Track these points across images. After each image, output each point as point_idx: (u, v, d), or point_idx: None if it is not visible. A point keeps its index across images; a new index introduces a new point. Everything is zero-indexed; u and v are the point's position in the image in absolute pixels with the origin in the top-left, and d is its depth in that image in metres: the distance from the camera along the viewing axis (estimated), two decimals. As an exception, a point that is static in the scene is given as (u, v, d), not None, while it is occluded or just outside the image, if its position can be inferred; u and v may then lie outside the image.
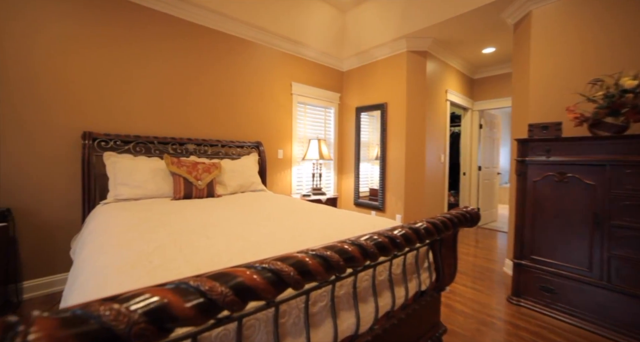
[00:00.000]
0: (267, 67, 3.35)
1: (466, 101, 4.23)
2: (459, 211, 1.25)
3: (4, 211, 1.87)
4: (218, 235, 1.24)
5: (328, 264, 0.69)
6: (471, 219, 1.26)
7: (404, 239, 0.92)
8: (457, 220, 1.18)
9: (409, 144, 3.42)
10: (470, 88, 4.37)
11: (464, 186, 4.47)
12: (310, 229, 1.39)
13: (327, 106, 4.04)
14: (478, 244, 3.58)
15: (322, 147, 3.43)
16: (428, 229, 1.03)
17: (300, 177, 3.75)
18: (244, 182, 2.66)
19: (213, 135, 2.93)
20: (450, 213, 1.21)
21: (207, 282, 0.45)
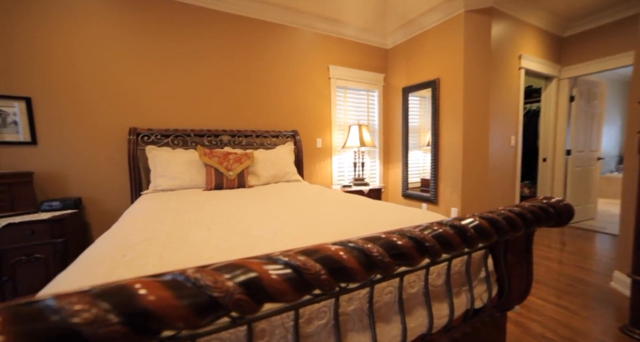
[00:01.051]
0: (302, 51, 3.16)
1: (550, 67, 3.39)
2: (537, 204, 0.88)
3: (76, 199, 2.08)
4: (221, 228, 1.11)
5: (369, 261, 0.50)
6: (557, 215, 0.88)
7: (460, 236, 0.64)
8: (533, 216, 0.83)
9: (467, 126, 2.88)
10: (556, 50, 3.48)
11: (544, 175, 3.65)
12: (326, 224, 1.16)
13: (370, 89, 3.68)
14: (565, 247, 2.86)
15: (364, 134, 3.12)
16: (481, 228, 0.72)
17: (341, 167, 3.51)
18: (277, 172, 2.55)
19: (248, 126, 2.89)
20: (522, 206, 0.86)
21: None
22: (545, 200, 0.91)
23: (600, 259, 2.54)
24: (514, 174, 3.14)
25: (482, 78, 2.80)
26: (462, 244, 0.69)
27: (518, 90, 3.09)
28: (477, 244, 0.72)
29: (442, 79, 3.08)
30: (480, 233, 0.72)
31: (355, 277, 0.48)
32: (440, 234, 0.65)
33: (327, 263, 0.45)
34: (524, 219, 0.81)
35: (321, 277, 0.43)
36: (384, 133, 3.83)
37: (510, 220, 0.79)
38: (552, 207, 0.90)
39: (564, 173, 3.61)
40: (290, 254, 0.44)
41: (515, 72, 3.05)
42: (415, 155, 3.53)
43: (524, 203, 0.92)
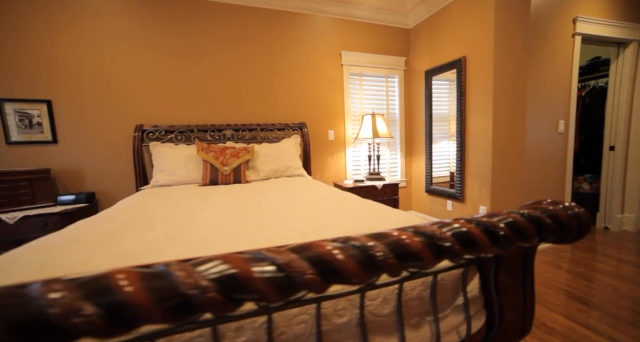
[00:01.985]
0: (310, 38, 2.98)
1: (624, 29, 2.66)
2: (538, 208, 0.63)
3: (89, 194, 2.24)
4: (163, 229, 1.02)
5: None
6: (558, 229, 0.62)
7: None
8: (511, 231, 0.58)
9: (497, 111, 2.43)
10: (632, 3, 2.73)
11: (611, 168, 2.95)
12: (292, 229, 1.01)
13: (389, 75, 3.35)
14: (631, 259, 2.28)
15: (378, 123, 2.84)
16: (441, 245, 0.53)
17: (357, 160, 3.28)
18: (279, 166, 2.44)
19: (254, 119, 2.82)
20: (518, 213, 0.62)
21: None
22: (551, 206, 0.64)
23: (684, 276, 1.95)
24: (564, 166, 2.59)
25: (517, 52, 2.32)
26: (400, 264, 0.49)
27: (570, 64, 2.51)
28: (440, 259, 0.52)
29: (468, 57, 2.64)
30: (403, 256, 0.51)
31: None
32: (398, 245, 0.47)
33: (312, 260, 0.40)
34: (493, 236, 0.57)
35: (306, 277, 0.39)
36: (406, 122, 3.47)
37: (466, 236, 0.56)
38: (552, 217, 0.63)
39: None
40: (277, 251, 0.41)
41: (567, 40, 2.47)
42: (443, 147, 3.12)
43: (527, 206, 0.67)
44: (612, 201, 2.95)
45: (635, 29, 2.73)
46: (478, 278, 0.83)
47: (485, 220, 0.57)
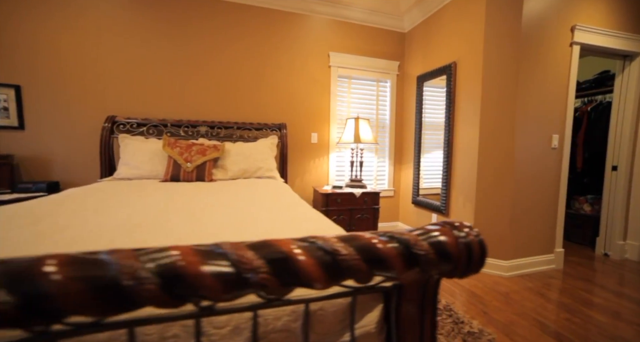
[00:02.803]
0: (297, 36, 2.90)
1: (629, 41, 2.48)
2: (403, 235, 0.50)
3: (51, 183, 2.20)
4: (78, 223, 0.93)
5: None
6: (438, 260, 0.50)
7: None
8: (361, 260, 0.47)
9: (485, 121, 2.26)
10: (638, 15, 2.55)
11: (613, 189, 2.72)
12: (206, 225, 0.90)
13: (381, 79, 3.23)
14: None
15: (362, 128, 2.71)
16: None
17: (341, 166, 3.15)
18: (249, 167, 2.34)
19: (234, 117, 2.74)
20: (383, 236, 0.49)
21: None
22: (437, 231, 0.51)
23: (683, 316, 1.72)
24: (556, 184, 2.38)
25: (508, 59, 2.16)
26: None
27: (567, 74, 2.33)
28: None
29: (459, 63, 2.49)
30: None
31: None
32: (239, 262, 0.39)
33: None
34: (333, 264, 0.44)
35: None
36: (397, 129, 3.33)
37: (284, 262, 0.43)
38: (435, 244, 0.49)
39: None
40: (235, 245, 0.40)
41: (564, 49, 2.30)
42: (436, 157, 2.94)
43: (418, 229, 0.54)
44: (613, 226, 2.71)
45: (636, 41, 2.53)
46: (380, 310, 0.68)
47: (326, 244, 0.44)
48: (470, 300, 1.87)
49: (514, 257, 2.26)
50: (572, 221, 3.24)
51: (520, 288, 2.05)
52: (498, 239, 2.25)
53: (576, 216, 3.19)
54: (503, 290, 2.00)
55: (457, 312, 1.68)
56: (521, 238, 2.27)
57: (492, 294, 1.95)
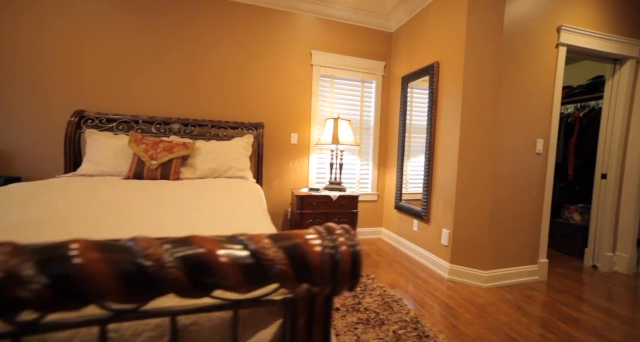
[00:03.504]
0: (279, 33, 2.83)
1: (619, 44, 2.39)
2: (280, 238, 0.40)
3: (9, 178, 2.12)
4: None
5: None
6: (302, 269, 0.41)
7: None
8: (220, 264, 0.37)
9: (465, 123, 2.17)
10: (629, 18, 2.45)
11: (602, 198, 2.60)
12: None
13: (366, 79, 3.15)
14: None
15: (341, 129, 2.62)
16: None
17: (323, 168, 3.06)
18: (219, 166, 2.25)
19: (210, 115, 2.67)
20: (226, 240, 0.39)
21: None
22: (298, 238, 0.42)
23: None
24: (540, 190, 2.27)
25: (489, 59, 2.07)
26: None
27: (553, 77, 2.23)
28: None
29: (441, 63, 2.41)
30: None
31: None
32: None
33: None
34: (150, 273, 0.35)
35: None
36: (382, 132, 3.24)
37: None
38: (288, 255, 0.41)
39: (638, 197, 2.52)
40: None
41: (550, 51, 2.20)
42: (422, 160, 2.84)
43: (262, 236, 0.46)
44: (602, 236, 2.59)
45: (633, 45, 2.44)
46: (278, 326, 0.58)
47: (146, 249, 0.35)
48: (441, 312, 1.75)
49: (494, 267, 2.14)
50: (562, 231, 3.12)
51: (498, 300, 1.93)
52: (477, 247, 2.14)
53: (566, 225, 3.07)
54: (479, 302, 1.89)
55: (424, 325, 1.57)
56: (502, 247, 2.16)
57: (466, 306, 1.83)
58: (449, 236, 2.24)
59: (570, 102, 3.49)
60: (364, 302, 1.78)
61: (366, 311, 1.69)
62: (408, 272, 2.32)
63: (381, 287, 2.00)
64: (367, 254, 2.70)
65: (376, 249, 2.87)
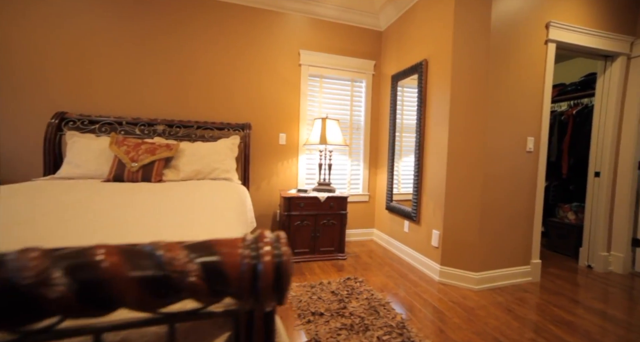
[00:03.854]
0: (267, 33, 2.79)
1: (610, 40, 2.35)
2: (197, 247, 0.35)
3: None
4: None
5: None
6: (218, 281, 0.35)
7: None
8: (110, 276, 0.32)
9: (454, 122, 2.12)
10: (624, 13, 2.42)
11: (596, 196, 2.56)
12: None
13: (356, 78, 3.11)
14: (604, 307, 1.88)
15: (329, 129, 2.58)
16: None
17: (312, 168, 3.01)
18: (203, 168, 2.20)
19: (197, 116, 2.62)
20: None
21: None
22: (221, 246, 0.37)
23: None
24: (532, 190, 2.23)
25: (478, 57, 2.03)
26: None
27: (543, 74, 2.19)
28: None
29: (430, 61, 2.37)
30: None
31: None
32: None
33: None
34: None
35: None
36: (372, 132, 3.19)
37: None
38: (202, 266, 0.35)
39: (632, 195, 2.48)
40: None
41: (539, 47, 2.16)
42: (413, 160, 2.79)
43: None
44: (596, 236, 2.54)
45: (623, 41, 2.40)
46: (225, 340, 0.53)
47: None
48: (429, 316, 1.70)
49: (485, 269, 2.09)
50: (557, 231, 3.07)
51: (489, 303, 1.88)
52: (468, 248, 2.09)
53: (561, 225, 3.02)
54: (469, 305, 1.84)
55: (410, 330, 1.52)
56: (493, 248, 2.11)
57: (455, 310, 1.78)
58: (439, 237, 2.19)
59: (563, 100, 3.46)
60: (349, 306, 1.73)
61: (351, 315, 1.63)
62: (398, 275, 2.27)
63: (369, 290, 1.95)
64: (356, 256, 2.64)
65: (367, 251, 2.82)
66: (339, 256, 2.55)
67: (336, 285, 2.01)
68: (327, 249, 2.53)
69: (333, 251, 2.55)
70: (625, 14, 2.42)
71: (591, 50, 2.35)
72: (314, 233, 2.48)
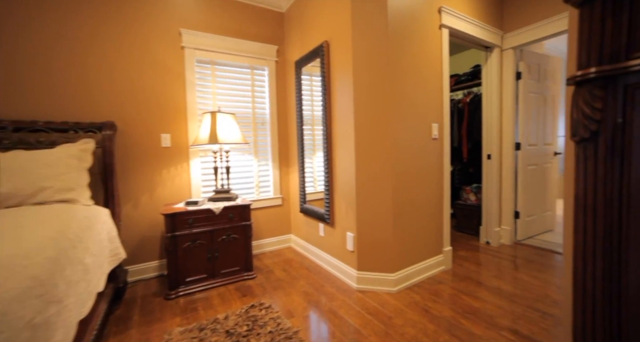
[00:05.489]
0: (137, 5, 2.12)
1: (488, 32, 2.48)
2: None
3: None
4: None
5: None
6: None
7: None
8: None
9: (359, 110, 1.91)
10: (496, 8, 2.58)
11: (489, 177, 2.74)
12: None
13: (256, 66, 2.68)
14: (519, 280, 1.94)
15: (221, 124, 2.11)
16: None
17: (209, 173, 2.49)
18: (22, 187, 1.50)
19: (37, 114, 1.82)
20: None
21: None
22: None
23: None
24: (440, 178, 2.20)
25: (377, 39, 1.84)
26: None
27: (440, 59, 2.16)
28: None
29: (331, 43, 2.11)
30: None
31: None
32: None
33: None
34: None
35: None
36: (281, 126, 2.83)
37: None
38: None
39: (513, 173, 2.72)
40: None
41: (435, 32, 2.11)
42: None
43: None
44: (490, 213, 2.73)
45: (497, 35, 2.58)
46: None
47: None
48: (343, 339, 1.45)
49: (402, 267, 1.97)
50: (462, 212, 3.27)
51: (406, 305, 1.74)
52: (383, 248, 1.93)
53: (464, 206, 3.22)
54: (387, 314, 1.66)
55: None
56: (408, 243, 2.00)
57: (372, 324, 1.57)
58: (354, 240, 1.98)
59: (459, 89, 3.70)
60: (246, 351, 1.35)
61: (246, 366, 1.26)
62: (314, 289, 1.99)
63: (276, 319, 1.60)
64: (269, 272, 2.28)
65: (282, 262, 2.48)
66: (246, 275, 2.15)
67: (235, 319, 1.60)
68: (231, 270, 2.09)
69: (238, 270, 2.13)
70: (496, 9, 2.59)
71: (476, 40, 2.43)
72: (211, 253, 2.01)
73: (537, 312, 1.64)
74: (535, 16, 2.43)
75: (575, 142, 0.67)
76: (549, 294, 1.84)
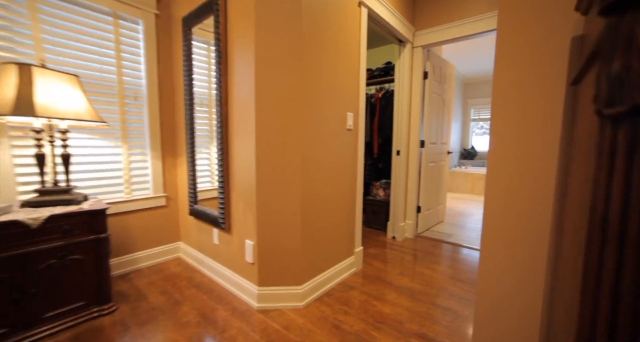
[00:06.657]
0: None
1: (403, 25, 2.43)
2: None
3: None
4: None
5: None
6: None
7: None
8: None
9: (262, 85, 1.51)
10: (410, 3, 2.56)
11: (398, 173, 2.78)
12: None
13: (122, 14, 1.92)
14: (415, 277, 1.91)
15: (43, 87, 1.35)
16: None
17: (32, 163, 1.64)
18: None
19: None
20: None
21: None
22: None
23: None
24: (353, 173, 2.02)
25: (289, 2, 1.46)
26: None
27: (358, 39, 1.94)
28: None
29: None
30: None
31: None
32: None
33: None
34: None
35: None
36: (164, 104, 2.16)
37: None
38: None
39: (418, 169, 2.83)
40: None
41: (354, 10, 1.87)
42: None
43: None
44: (397, 208, 2.77)
45: (410, 30, 2.58)
46: None
47: None
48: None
49: (311, 276, 1.70)
50: (371, 207, 3.28)
51: (315, 322, 1.47)
52: (289, 257, 1.60)
53: (374, 202, 3.23)
54: (292, 339, 1.35)
55: None
56: (318, 249, 1.73)
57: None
58: (253, 249, 1.59)
59: (372, 84, 3.70)
60: None
61: None
62: (201, 317, 1.51)
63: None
64: (139, 297, 1.66)
65: (163, 281, 1.89)
66: (97, 310, 1.49)
67: (53, 399, 1.00)
68: (67, 309, 1.40)
69: (84, 306, 1.45)
70: (410, 4, 2.59)
71: (392, 30, 2.34)
72: (22, 291, 1.28)
73: (438, 309, 1.63)
74: (440, 19, 2.50)
75: (608, 117, 0.42)
76: (446, 286, 1.89)
